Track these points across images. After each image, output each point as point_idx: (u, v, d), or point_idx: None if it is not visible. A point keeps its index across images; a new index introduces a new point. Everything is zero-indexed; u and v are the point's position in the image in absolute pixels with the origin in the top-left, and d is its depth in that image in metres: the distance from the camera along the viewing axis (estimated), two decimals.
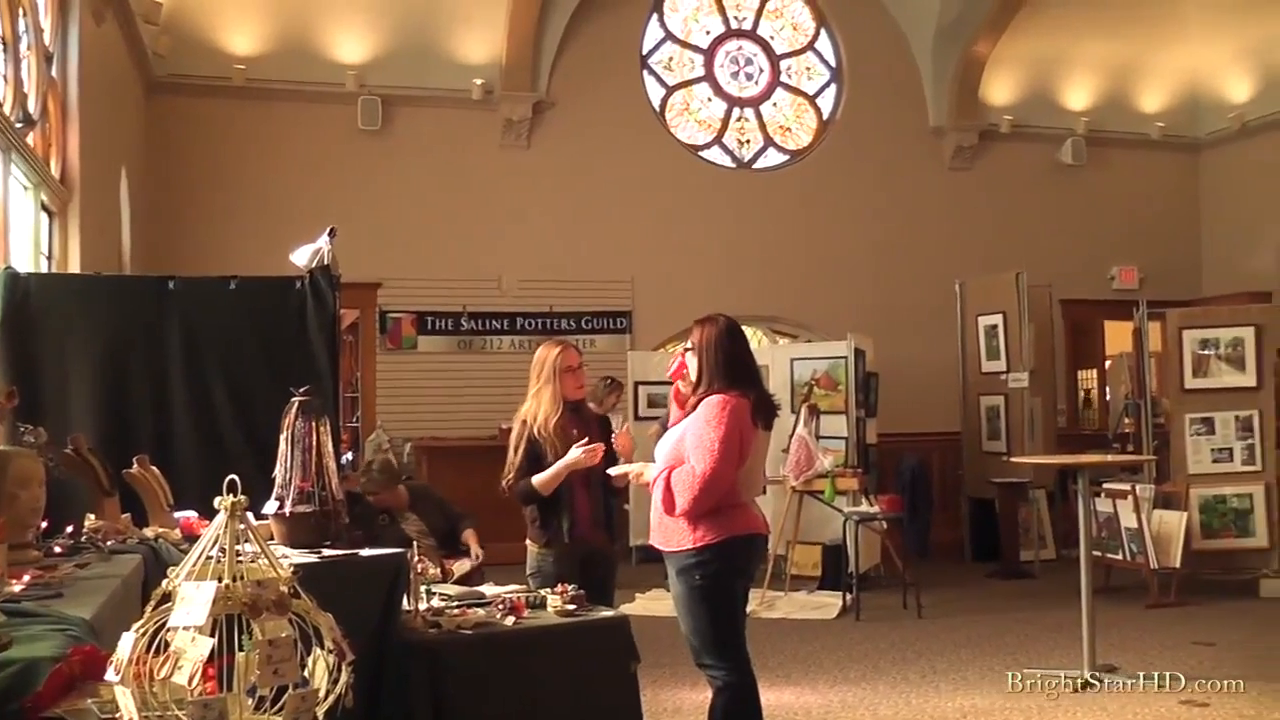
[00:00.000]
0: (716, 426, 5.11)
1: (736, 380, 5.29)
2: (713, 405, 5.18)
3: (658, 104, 15.61)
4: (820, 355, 12.69)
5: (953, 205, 16.38)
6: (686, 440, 5.20)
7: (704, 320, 5.46)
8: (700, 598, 5.20)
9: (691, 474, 5.09)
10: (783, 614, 10.58)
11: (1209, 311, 12.90)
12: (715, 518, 5.17)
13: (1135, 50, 17.33)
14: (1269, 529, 11.25)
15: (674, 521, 5.21)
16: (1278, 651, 8.79)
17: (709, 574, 5.18)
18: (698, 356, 5.35)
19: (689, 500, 5.09)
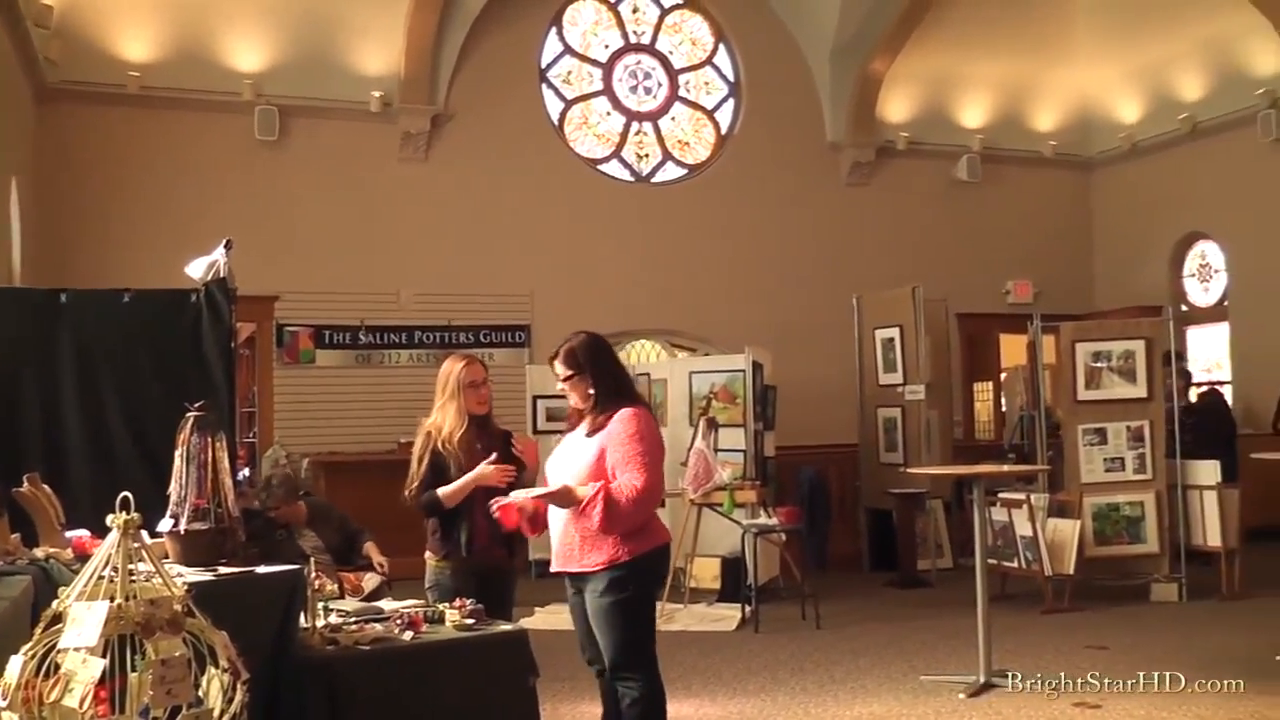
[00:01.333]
0: (639, 439, 5.17)
1: (629, 390, 5.38)
2: (628, 419, 5.21)
3: (556, 117, 15.63)
4: (718, 369, 12.72)
5: (850, 220, 16.55)
6: (611, 456, 5.18)
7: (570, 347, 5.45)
8: (632, 609, 5.24)
9: (633, 488, 5.09)
10: (682, 626, 10.59)
11: (1101, 325, 13.12)
12: (639, 530, 5.23)
13: (1028, 70, 17.66)
14: (1159, 535, 11.47)
15: (602, 537, 5.19)
16: (1167, 654, 8.95)
17: (641, 584, 5.26)
18: (586, 375, 5.35)
19: (630, 513, 5.11)
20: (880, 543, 13.64)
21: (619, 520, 5.12)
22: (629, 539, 5.19)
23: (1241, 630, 9.77)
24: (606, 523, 5.11)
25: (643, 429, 5.20)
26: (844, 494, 14.76)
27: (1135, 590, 11.42)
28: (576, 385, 5.37)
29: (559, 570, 5.42)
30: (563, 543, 5.33)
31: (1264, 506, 11.53)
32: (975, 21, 16.57)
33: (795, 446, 13.98)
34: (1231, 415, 13.71)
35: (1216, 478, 11.49)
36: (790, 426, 13.64)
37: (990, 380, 17.78)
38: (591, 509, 5.12)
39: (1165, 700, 7.54)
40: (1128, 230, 18.10)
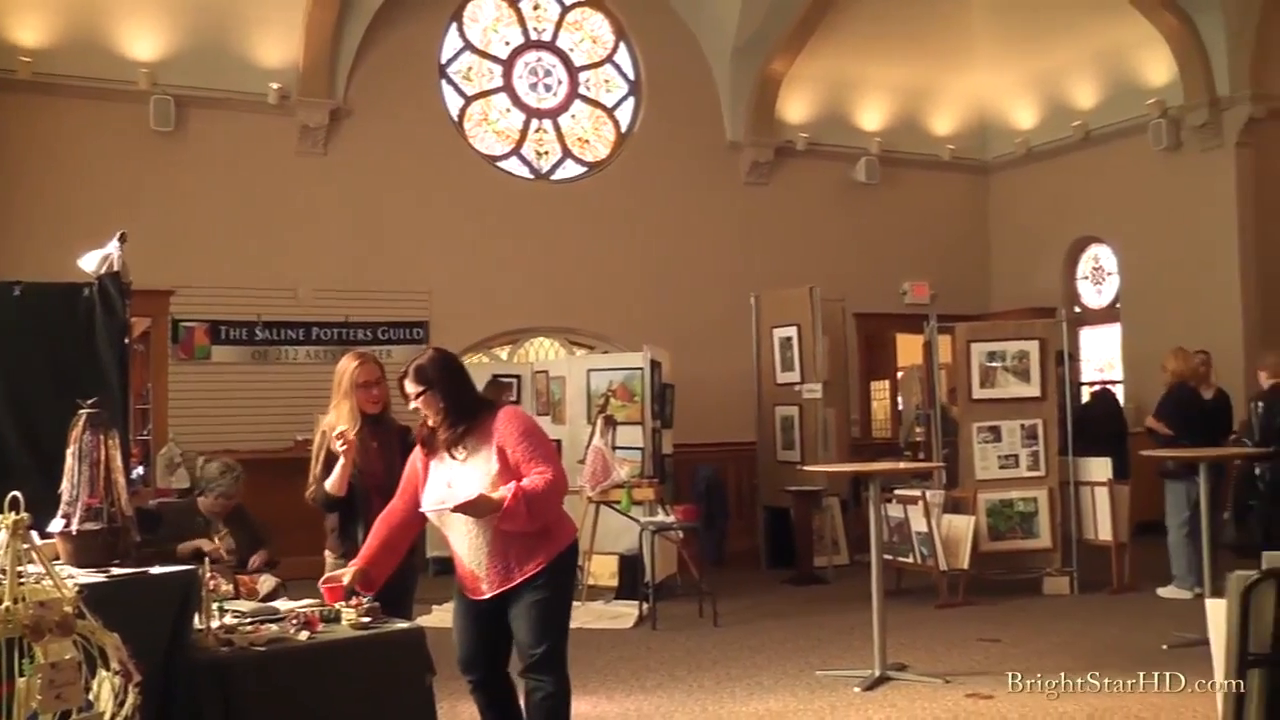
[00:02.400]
0: (531, 434, 5.21)
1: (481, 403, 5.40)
2: (512, 418, 5.25)
3: (456, 114, 15.52)
4: (616, 367, 12.73)
5: (749, 220, 16.62)
6: (512, 454, 5.15)
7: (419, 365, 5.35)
8: (559, 605, 5.30)
9: (544, 480, 5.08)
10: (579, 624, 10.51)
11: (996, 325, 13.32)
12: (559, 523, 5.31)
13: (927, 75, 17.86)
14: (1052, 530, 11.72)
15: (529, 540, 5.17)
16: (1059, 645, 9.18)
17: (566, 578, 5.35)
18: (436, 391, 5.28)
19: (554, 502, 5.16)
20: (777, 540, 13.72)
21: (543, 512, 5.11)
22: (552, 536, 5.23)
23: (1131, 622, 10.04)
24: (531, 517, 5.06)
25: (527, 425, 5.25)
26: (741, 491, 14.84)
27: (1028, 584, 11.63)
28: (429, 402, 5.29)
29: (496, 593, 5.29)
30: (492, 562, 5.24)
31: (1153, 502, 11.76)
32: (875, 25, 16.71)
33: (693, 444, 14.03)
34: (1123, 414, 13.96)
35: (1108, 474, 11.75)
36: (688, 424, 13.66)
37: (887, 379, 17.96)
38: (516, 507, 5.05)
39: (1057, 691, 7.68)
40: (1023, 233, 18.38)
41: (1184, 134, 16.22)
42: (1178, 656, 8.54)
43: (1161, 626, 9.50)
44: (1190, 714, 7.09)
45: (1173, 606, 10.55)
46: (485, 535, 5.21)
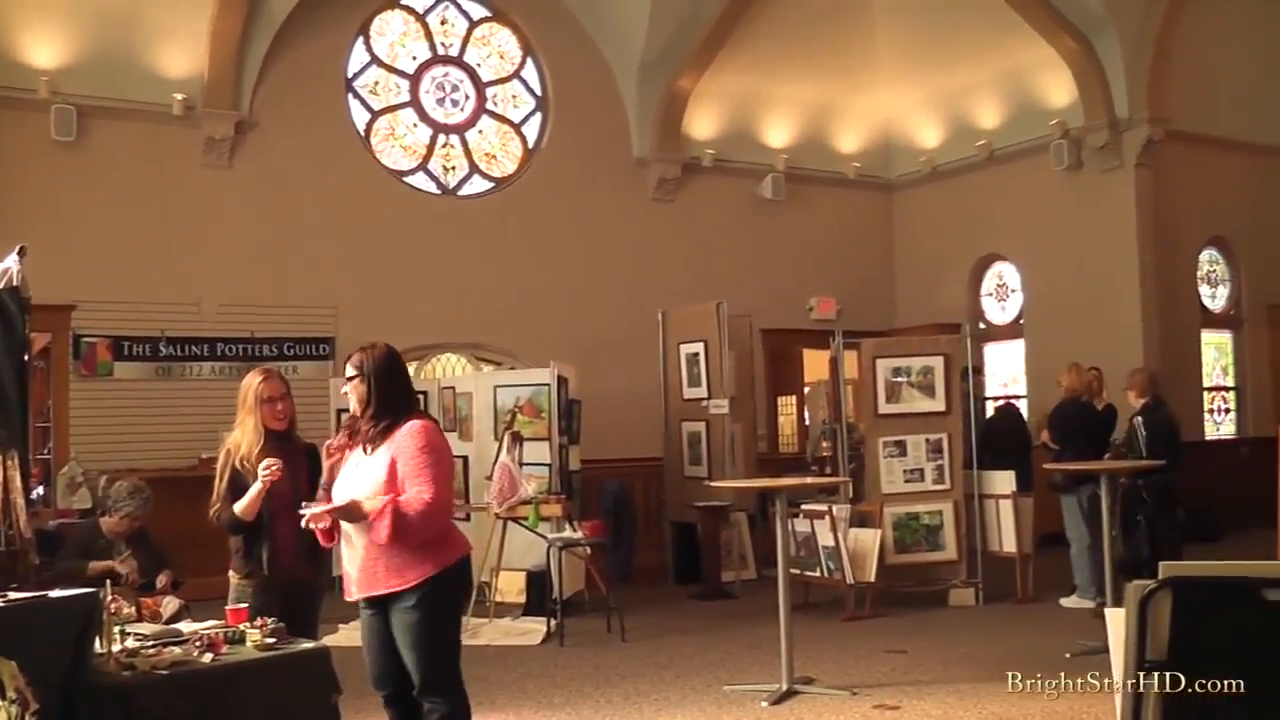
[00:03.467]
0: (429, 451, 5.11)
1: (409, 405, 5.34)
2: (417, 432, 5.16)
3: (363, 128, 15.43)
4: (523, 383, 12.66)
5: (656, 236, 16.67)
6: (401, 468, 5.11)
7: (365, 347, 5.38)
8: (439, 624, 5.20)
9: (421, 500, 5.03)
10: (487, 640, 10.52)
11: (901, 341, 13.46)
12: (445, 540, 5.21)
13: (833, 93, 18.05)
14: (957, 543, 11.85)
15: (407, 554, 5.11)
16: (964, 655, 9.29)
17: (448, 598, 5.24)
18: (368, 382, 5.27)
19: (420, 527, 5.04)
20: (685, 555, 13.73)
21: (407, 533, 5.04)
22: (432, 553, 5.14)
23: (1034, 631, 10.19)
24: (394, 535, 5.02)
25: (431, 441, 5.16)
26: (649, 507, 14.84)
27: (934, 596, 11.75)
28: (358, 388, 5.29)
29: (362, 596, 5.29)
30: (363, 567, 5.21)
31: (1055, 514, 11.95)
32: (781, 43, 16.86)
33: (600, 460, 14.00)
34: (1026, 428, 14.14)
35: (1011, 487, 11.90)
36: (595, 440, 13.63)
37: (794, 394, 18.08)
38: (379, 522, 5.03)
39: (961, 700, 7.82)
40: (928, 250, 18.61)
41: (1085, 154, 16.55)
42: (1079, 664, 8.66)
43: (1064, 635, 9.62)
44: (1091, 718, 7.18)
45: (1075, 616, 10.70)
46: (362, 539, 5.18)
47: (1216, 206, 17.20)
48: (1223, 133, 17.10)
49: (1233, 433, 17.83)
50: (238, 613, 5.27)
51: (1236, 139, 17.29)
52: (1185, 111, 16.47)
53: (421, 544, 5.11)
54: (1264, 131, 17.66)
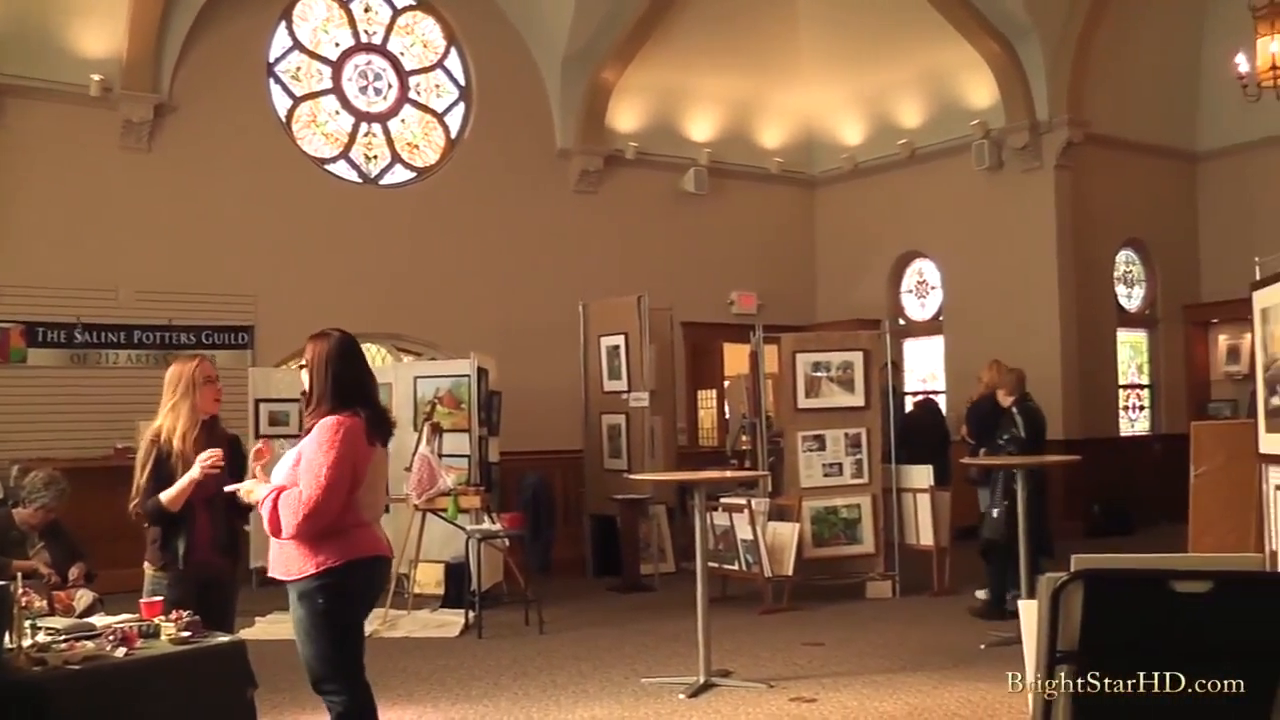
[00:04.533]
0: (327, 450, 5.05)
1: (348, 399, 5.23)
2: (325, 428, 5.12)
3: (284, 114, 15.22)
4: (444, 374, 12.63)
5: (578, 228, 16.61)
6: (301, 463, 5.12)
7: (317, 336, 5.38)
8: (323, 623, 5.13)
9: (297, 499, 5.01)
10: (405, 633, 10.47)
11: (821, 336, 13.50)
12: (338, 540, 5.11)
13: (756, 88, 18.08)
14: (875, 536, 11.96)
15: (294, 547, 5.10)
16: (880, 647, 9.38)
17: (332, 598, 5.12)
18: (310, 373, 5.27)
19: (294, 524, 5.02)
20: (604, 548, 13.73)
21: (281, 528, 5.06)
22: (321, 549, 5.09)
23: (950, 623, 10.33)
24: (273, 526, 5.07)
25: (335, 440, 5.08)
26: (568, 499, 14.82)
27: (851, 589, 11.84)
28: (305, 376, 5.32)
29: (271, 576, 5.35)
30: (272, 550, 5.25)
31: (972, 508, 12.07)
32: (705, 37, 16.88)
33: (520, 452, 13.95)
34: (945, 423, 14.27)
35: (929, 482, 12.01)
36: (515, 432, 13.59)
37: (714, 388, 18.12)
38: (261, 511, 5.11)
39: (877, 691, 7.89)
40: (849, 246, 18.71)
41: (1005, 155, 16.72)
42: (994, 655, 8.80)
43: (979, 627, 9.78)
44: (1005, 709, 7.30)
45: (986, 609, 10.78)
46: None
47: (1133, 209, 17.45)
48: (1140, 137, 17.37)
49: (1147, 429, 18.07)
50: (152, 606, 5.20)
51: (1153, 143, 17.59)
52: (1104, 115, 16.69)
53: (309, 540, 5.08)
54: (1179, 136, 18.02)
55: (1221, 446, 8.93)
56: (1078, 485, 15.44)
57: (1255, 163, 17.26)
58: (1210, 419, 15.33)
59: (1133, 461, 16.65)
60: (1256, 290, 7.05)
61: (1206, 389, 18.32)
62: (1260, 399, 7.01)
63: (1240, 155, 17.47)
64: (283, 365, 14.08)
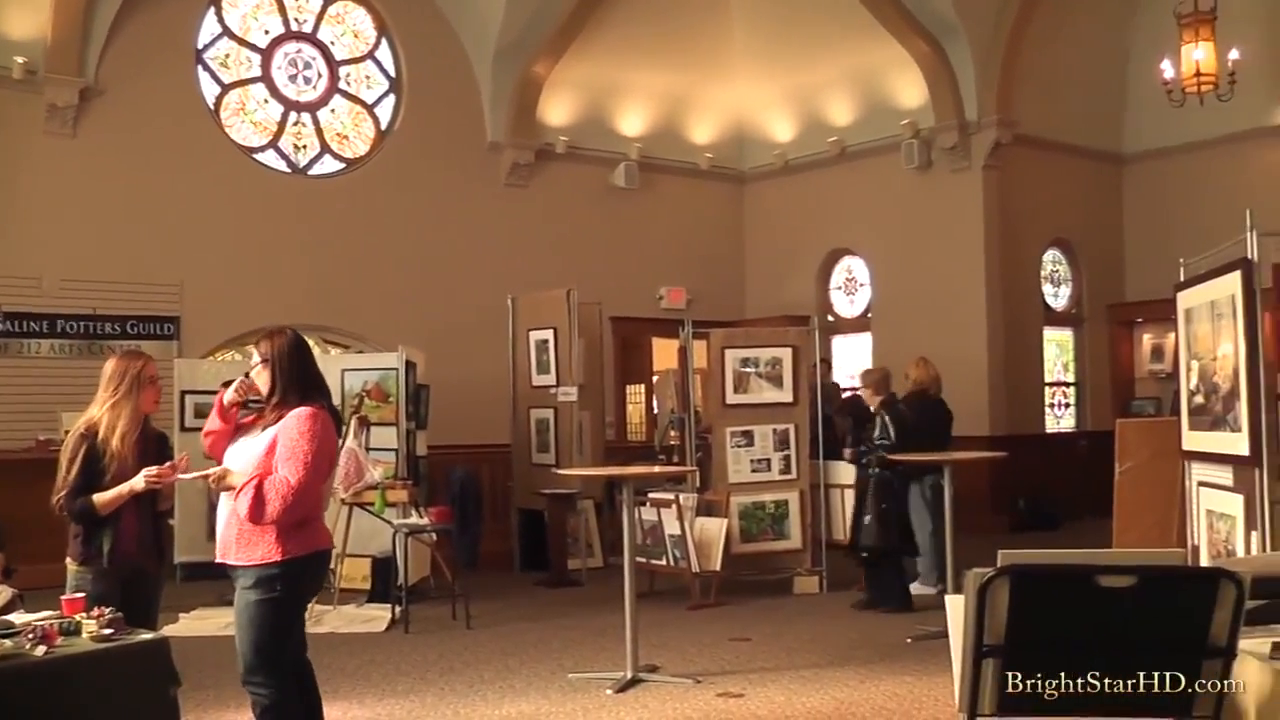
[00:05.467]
0: (310, 439, 5.18)
1: (313, 392, 5.36)
2: (303, 417, 5.22)
3: (212, 101, 15.03)
4: (371, 366, 12.57)
5: (508, 221, 16.55)
6: (278, 450, 5.18)
7: (274, 332, 5.49)
8: (274, 611, 5.20)
9: (285, 483, 5.10)
10: (331, 628, 10.38)
11: (750, 332, 13.54)
12: (301, 531, 5.23)
13: (687, 84, 18.10)
14: (802, 532, 12.00)
15: (258, 534, 5.17)
16: (808, 642, 9.39)
17: (289, 587, 5.21)
18: (272, 368, 5.34)
19: (279, 509, 5.09)
20: (531, 542, 13.71)
21: (264, 513, 5.11)
22: (285, 538, 5.18)
23: (877, 618, 10.37)
24: (252, 512, 5.11)
25: (316, 430, 5.23)
26: (496, 494, 14.75)
27: (779, 584, 11.87)
28: (263, 373, 5.38)
29: (219, 561, 5.38)
30: (224, 533, 5.31)
31: None
32: (637, 32, 16.88)
33: (448, 446, 13.90)
34: None
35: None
36: (443, 426, 13.55)
37: (642, 383, 18.13)
38: (242, 494, 5.13)
39: (804, 686, 7.92)
40: (779, 243, 18.77)
41: (934, 155, 16.84)
42: (920, 649, 8.87)
43: (906, 621, 9.84)
44: (931, 702, 7.35)
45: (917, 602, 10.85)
46: (230, 505, 5.28)
47: (1060, 209, 17.66)
48: (1067, 139, 17.59)
49: (1072, 426, 18.29)
50: (74, 602, 5.12)
51: (1080, 145, 17.85)
52: (1031, 117, 16.84)
53: (278, 527, 5.16)
54: (1105, 139, 18.29)
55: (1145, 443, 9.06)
56: (1004, 481, 15.61)
57: (1179, 166, 17.54)
58: (1134, 416, 15.54)
59: (1058, 458, 16.85)
60: (1180, 291, 7.15)
61: (1131, 387, 18.59)
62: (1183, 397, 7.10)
63: (1165, 159, 17.76)
64: (209, 357, 13.94)
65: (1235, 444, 6.20)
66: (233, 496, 5.22)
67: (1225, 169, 16.75)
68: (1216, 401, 6.49)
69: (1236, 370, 6.15)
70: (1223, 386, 6.38)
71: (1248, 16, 15.68)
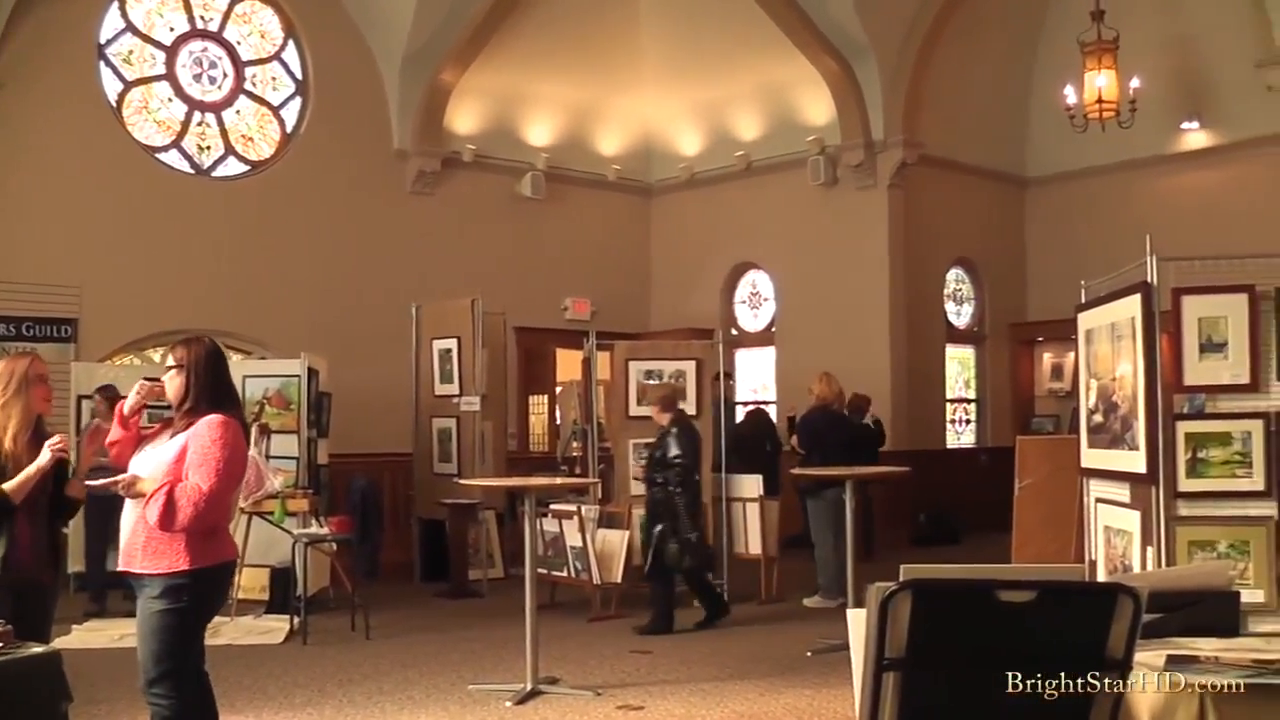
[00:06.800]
0: (222, 446, 5.12)
1: (225, 401, 5.33)
2: (214, 425, 5.17)
3: (114, 99, 14.75)
4: (273, 373, 12.46)
5: (413, 229, 16.42)
6: (189, 457, 5.11)
7: (192, 339, 5.44)
8: (179, 621, 5.13)
9: (197, 490, 5.03)
10: (228, 640, 10.20)
11: (654, 345, 13.62)
12: (209, 541, 5.18)
13: (595, 95, 18.10)
14: None
15: (166, 543, 5.09)
16: (708, 655, 9.42)
17: (196, 597, 5.15)
18: (186, 375, 5.28)
19: (190, 516, 5.01)
20: (432, 553, 13.61)
21: (174, 520, 5.03)
22: (194, 548, 5.12)
23: (778, 630, 10.48)
24: (163, 520, 5.02)
25: (228, 438, 5.17)
26: (397, 504, 14.67)
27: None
28: (175, 379, 5.32)
29: (122, 570, 5.29)
30: (129, 541, 5.21)
31: (799, 517, 12.25)
32: (547, 43, 16.84)
33: (349, 454, 13.79)
34: (775, 433, 14.45)
35: (759, 491, 12.09)
36: (344, 434, 13.45)
37: (546, 394, 18.07)
38: (153, 501, 5.04)
39: (704, 699, 7.93)
40: (684, 256, 18.82)
41: (840, 172, 17.01)
42: (820, 662, 8.91)
43: (806, 635, 9.89)
44: (831, 715, 7.41)
45: (817, 615, 10.94)
46: (137, 514, 5.19)
47: (964, 229, 17.92)
48: (972, 160, 17.91)
49: (973, 442, 18.51)
50: None
51: (984, 167, 18.21)
52: (937, 137, 17.08)
53: (184, 537, 5.09)
54: (1009, 162, 18.67)
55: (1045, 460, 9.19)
56: (905, 495, 15.74)
57: (1081, 190, 17.90)
58: (1034, 434, 15.78)
59: (959, 473, 17.06)
60: (1081, 312, 7.25)
61: (1031, 404, 18.89)
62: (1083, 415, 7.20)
63: (1067, 182, 18.13)
64: (107, 360, 13.70)
65: (1133, 462, 6.29)
66: (142, 504, 5.13)
67: (1126, 194, 17.11)
68: (1115, 420, 6.58)
69: (1135, 390, 6.25)
70: (1121, 406, 6.48)
71: (1149, 46, 16.04)
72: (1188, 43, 16.72)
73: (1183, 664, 4.06)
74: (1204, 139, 17.05)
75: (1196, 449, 5.98)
